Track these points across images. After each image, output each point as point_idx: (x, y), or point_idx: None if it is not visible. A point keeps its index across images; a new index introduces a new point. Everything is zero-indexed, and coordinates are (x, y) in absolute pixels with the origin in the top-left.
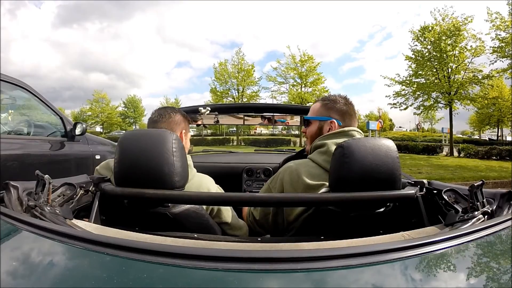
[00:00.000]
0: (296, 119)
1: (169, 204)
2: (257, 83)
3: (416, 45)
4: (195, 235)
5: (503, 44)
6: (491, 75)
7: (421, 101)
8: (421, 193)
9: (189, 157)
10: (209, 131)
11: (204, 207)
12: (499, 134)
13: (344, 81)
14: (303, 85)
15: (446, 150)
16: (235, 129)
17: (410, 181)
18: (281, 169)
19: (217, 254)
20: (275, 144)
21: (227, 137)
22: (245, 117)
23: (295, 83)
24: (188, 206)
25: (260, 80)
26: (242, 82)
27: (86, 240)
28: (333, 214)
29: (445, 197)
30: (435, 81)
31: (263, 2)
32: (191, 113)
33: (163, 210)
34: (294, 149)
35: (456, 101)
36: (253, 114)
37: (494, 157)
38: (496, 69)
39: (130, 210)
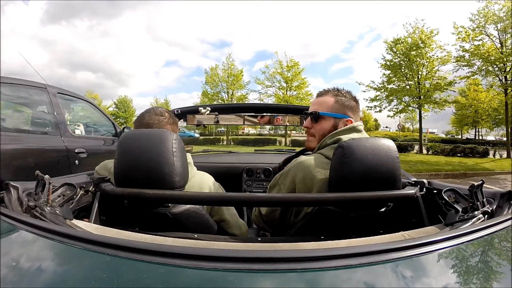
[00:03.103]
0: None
1: (169, 204)
2: (246, 86)
3: (389, 54)
4: (195, 235)
5: (465, 54)
6: (453, 81)
7: (394, 105)
8: (421, 193)
9: (189, 156)
10: (197, 131)
11: (205, 206)
12: (479, 134)
13: (332, 81)
14: (288, 89)
15: (417, 148)
16: (223, 129)
17: (410, 181)
18: (292, 165)
19: (217, 254)
20: (262, 143)
21: (217, 137)
22: (245, 117)
23: (281, 86)
24: (188, 206)
25: (249, 84)
26: (232, 85)
27: (86, 241)
28: (333, 214)
29: (445, 197)
30: (406, 87)
31: (255, 2)
32: (191, 113)
33: (163, 210)
34: (294, 149)
35: (425, 105)
36: (253, 114)
37: (458, 154)
38: (459, 76)
39: (130, 210)
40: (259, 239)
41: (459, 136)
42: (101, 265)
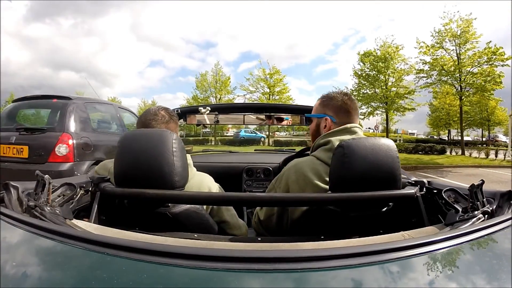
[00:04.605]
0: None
1: (169, 204)
2: (232, 92)
3: (360, 64)
4: (195, 235)
5: (425, 66)
6: (414, 90)
7: (364, 110)
8: (421, 192)
9: (188, 157)
10: (181, 132)
11: (204, 206)
12: (452, 134)
13: (317, 83)
14: (271, 94)
15: None
16: (209, 130)
17: (410, 180)
18: (286, 168)
19: (217, 254)
20: (247, 143)
21: (205, 137)
22: (245, 117)
23: (264, 92)
24: (188, 206)
25: (235, 89)
26: (220, 91)
27: (86, 240)
28: (333, 214)
29: (445, 196)
30: (373, 94)
31: (241, 3)
32: (192, 113)
33: (163, 210)
34: (294, 149)
35: (390, 110)
36: (252, 113)
37: (420, 152)
38: (420, 85)
39: (130, 210)
40: (259, 239)
41: (437, 137)
42: (101, 265)
